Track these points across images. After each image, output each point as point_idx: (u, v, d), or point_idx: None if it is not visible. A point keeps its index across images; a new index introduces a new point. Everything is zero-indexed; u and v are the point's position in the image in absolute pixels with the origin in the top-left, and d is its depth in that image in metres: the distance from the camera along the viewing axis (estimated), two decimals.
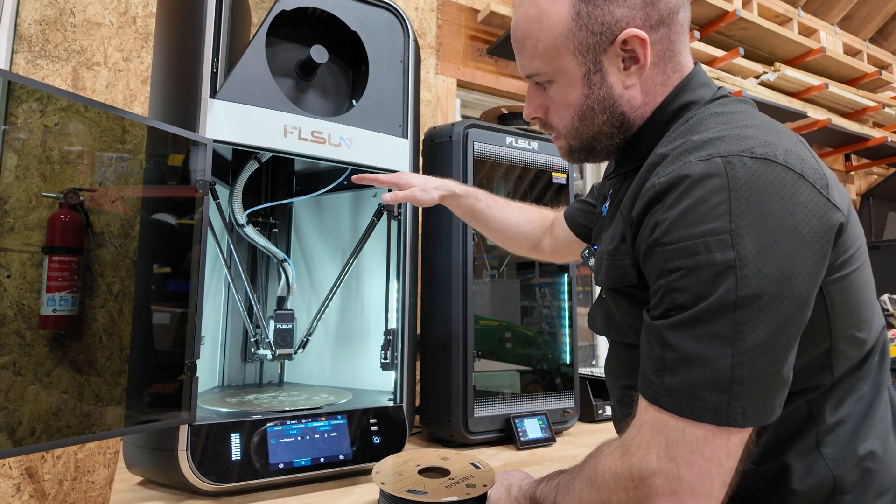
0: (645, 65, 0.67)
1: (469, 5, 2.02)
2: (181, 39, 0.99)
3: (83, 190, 0.82)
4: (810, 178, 0.55)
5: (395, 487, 0.80)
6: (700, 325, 0.53)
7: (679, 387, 0.54)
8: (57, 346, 0.79)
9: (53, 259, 0.79)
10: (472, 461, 0.92)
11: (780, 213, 0.53)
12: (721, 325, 0.52)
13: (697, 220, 0.54)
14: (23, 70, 1.31)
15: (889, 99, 2.93)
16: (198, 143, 0.93)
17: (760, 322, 0.52)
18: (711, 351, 0.53)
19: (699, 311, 0.53)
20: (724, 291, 0.52)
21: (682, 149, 0.61)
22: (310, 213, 1.43)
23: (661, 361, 0.56)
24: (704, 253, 0.53)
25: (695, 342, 0.54)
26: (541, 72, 0.70)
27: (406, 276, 1.15)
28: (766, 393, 0.53)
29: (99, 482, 1.29)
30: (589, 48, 0.67)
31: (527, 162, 1.46)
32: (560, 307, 1.50)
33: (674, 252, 0.56)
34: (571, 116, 0.71)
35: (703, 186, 0.55)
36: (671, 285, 0.56)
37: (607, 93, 0.69)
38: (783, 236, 0.53)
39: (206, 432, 0.90)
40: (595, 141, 0.72)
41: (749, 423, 0.53)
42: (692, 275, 0.54)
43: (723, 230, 0.53)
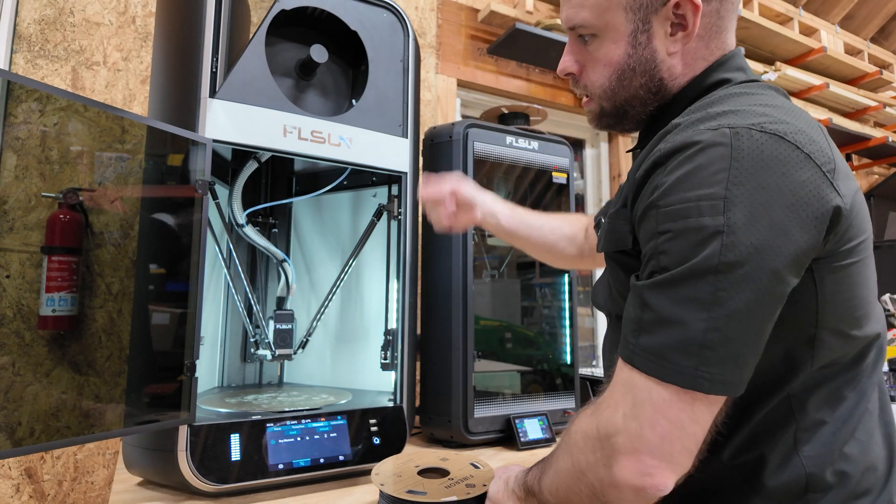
0: (692, 33, 0.66)
1: (469, 5, 2.02)
2: (181, 39, 0.99)
3: (82, 190, 0.82)
4: (817, 159, 0.55)
5: (395, 488, 0.80)
6: (679, 286, 0.53)
7: (652, 347, 0.54)
8: (56, 347, 0.79)
9: (53, 259, 0.79)
10: (471, 461, 0.92)
11: (777, 188, 0.53)
12: (700, 289, 0.52)
13: (694, 185, 0.54)
14: (22, 70, 1.31)
15: (890, 98, 2.93)
16: (197, 142, 0.92)
17: (740, 290, 0.52)
18: (687, 314, 0.53)
19: (679, 273, 0.53)
20: (708, 255, 0.52)
21: (695, 118, 0.60)
22: (309, 213, 1.43)
23: (639, 322, 0.56)
24: (695, 217, 0.53)
25: (672, 304, 0.54)
26: (587, 23, 0.67)
27: (406, 276, 1.15)
28: (735, 362, 0.53)
29: (98, 483, 1.29)
30: (641, 5, 0.65)
31: (527, 162, 1.45)
32: (560, 307, 1.50)
33: (666, 214, 0.56)
34: (609, 75, 0.69)
35: (706, 154, 0.55)
36: (658, 247, 0.56)
37: (651, 55, 0.67)
38: (777, 209, 0.52)
39: (206, 433, 0.90)
40: (628, 105, 0.71)
41: (714, 390, 0.53)
42: (680, 237, 0.54)
43: (717, 196, 0.53)
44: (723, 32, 0.69)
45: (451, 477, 0.85)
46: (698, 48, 0.68)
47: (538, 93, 2.14)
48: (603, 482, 0.56)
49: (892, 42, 3.23)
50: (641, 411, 0.54)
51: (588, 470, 0.58)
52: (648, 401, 0.54)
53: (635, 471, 0.53)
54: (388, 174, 1.18)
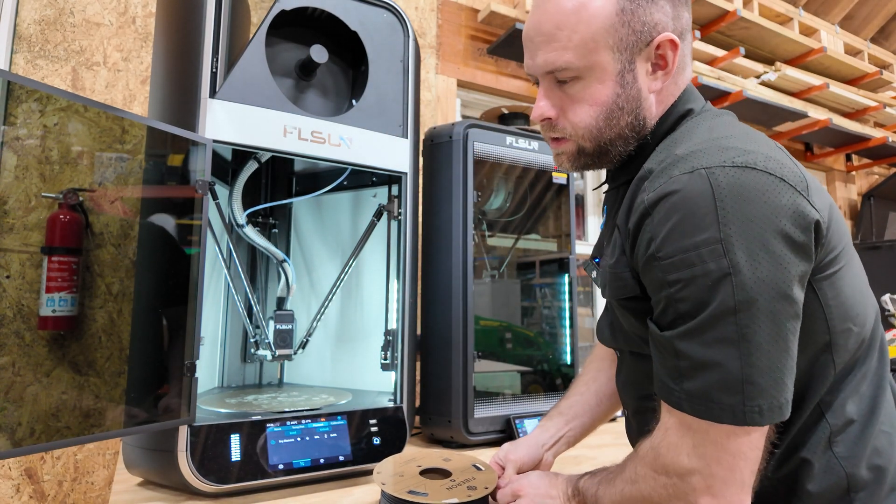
0: (671, 71, 0.69)
1: (469, 5, 2.02)
2: (181, 39, 0.99)
3: (82, 190, 0.82)
4: (790, 181, 0.58)
5: (396, 488, 0.80)
6: (706, 331, 0.57)
7: (696, 391, 0.57)
8: (56, 347, 0.79)
9: (53, 259, 0.79)
10: (473, 462, 0.91)
11: (765, 217, 0.56)
12: (725, 330, 0.56)
13: (688, 233, 0.57)
14: (22, 70, 1.31)
15: (890, 99, 2.93)
16: (197, 143, 0.92)
17: (761, 323, 0.55)
18: (720, 355, 0.56)
19: (703, 320, 0.57)
20: (723, 298, 0.55)
21: (666, 163, 0.63)
22: (309, 213, 1.43)
23: (678, 369, 0.59)
24: (699, 264, 0.57)
25: (704, 348, 0.57)
26: (571, 65, 0.67)
27: (406, 276, 1.15)
28: (776, 388, 0.56)
29: (98, 483, 1.29)
30: (627, 46, 0.67)
31: (527, 162, 1.45)
32: (560, 307, 1.50)
33: (671, 265, 0.59)
34: (597, 115, 0.69)
35: (689, 199, 0.58)
36: (673, 296, 0.59)
37: (637, 94, 0.69)
38: (770, 239, 0.56)
39: (206, 433, 0.90)
40: (611, 144, 0.71)
41: (765, 421, 0.56)
42: (691, 285, 0.57)
43: (714, 240, 0.56)
44: (687, 67, 0.73)
45: (452, 478, 0.85)
46: (670, 85, 0.71)
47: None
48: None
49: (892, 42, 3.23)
50: (704, 451, 0.58)
51: (662, 501, 0.62)
52: (708, 440, 0.58)
53: (715, 502, 0.58)
54: (388, 174, 1.18)
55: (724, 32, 2.43)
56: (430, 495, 0.78)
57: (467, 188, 1.31)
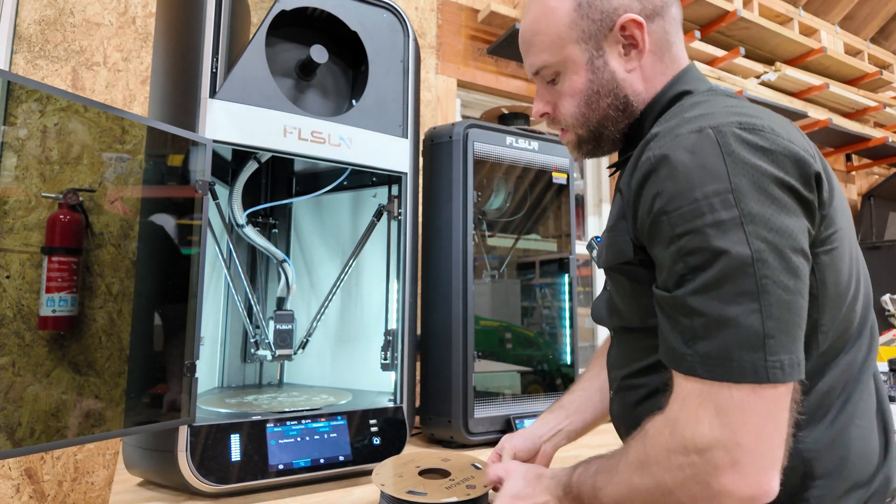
0: (643, 49, 0.71)
1: (469, 5, 2.02)
2: (181, 39, 0.99)
3: (82, 190, 0.82)
4: (798, 144, 0.58)
5: (395, 489, 0.80)
6: (723, 284, 0.54)
7: (714, 351, 0.54)
8: (56, 347, 0.79)
9: (53, 259, 0.79)
10: (473, 462, 0.91)
11: (771, 170, 0.56)
12: (744, 283, 0.53)
13: (697, 184, 0.56)
14: (22, 70, 1.31)
15: (890, 99, 2.93)
16: (197, 143, 0.92)
17: (779, 274, 0.53)
18: (739, 309, 0.53)
19: (718, 272, 0.54)
20: (739, 248, 0.53)
21: (672, 124, 0.63)
22: (309, 213, 1.43)
23: (691, 330, 0.56)
24: (710, 213, 0.55)
25: (722, 304, 0.54)
26: (548, 64, 0.74)
27: (406, 276, 1.15)
28: (795, 344, 0.54)
29: (98, 483, 1.29)
30: (591, 35, 0.71)
31: (527, 162, 1.45)
32: (560, 308, 1.50)
33: (680, 217, 0.57)
34: (578, 103, 0.74)
35: (697, 154, 0.57)
36: (683, 249, 0.56)
37: (611, 76, 0.72)
38: (778, 189, 0.55)
39: (206, 433, 0.90)
40: (602, 127, 0.75)
41: (788, 377, 0.53)
42: (701, 235, 0.55)
43: (724, 190, 0.55)
44: (672, 47, 0.74)
45: (451, 478, 0.85)
46: (653, 64, 0.73)
47: None
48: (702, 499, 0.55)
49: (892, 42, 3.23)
50: (728, 417, 0.53)
51: (678, 488, 0.56)
52: (731, 404, 0.53)
53: (742, 483, 0.52)
54: (388, 174, 1.18)
55: (724, 32, 2.43)
56: (428, 494, 0.78)
57: (467, 188, 1.31)
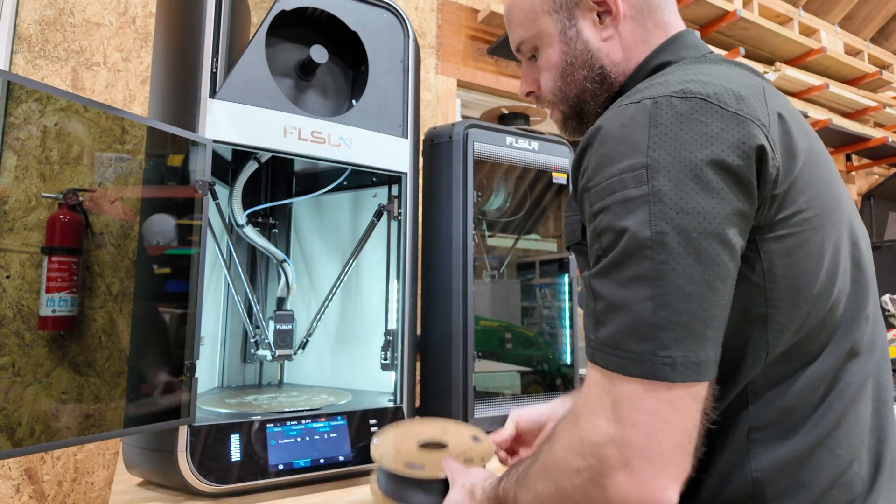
0: (618, 15, 0.67)
1: (469, 5, 2.02)
2: (181, 39, 0.99)
3: (82, 190, 0.82)
4: (745, 113, 0.52)
5: (394, 463, 0.79)
6: (620, 267, 0.50)
7: (608, 339, 0.50)
8: (56, 347, 0.79)
9: (53, 259, 0.79)
10: (472, 434, 0.90)
11: (698, 144, 0.50)
12: (640, 266, 0.48)
13: (616, 159, 0.52)
14: (22, 70, 1.31)
15: (890, 99, 2.93)
16: (197, 143, 0.92)
17: (681, 260, 0.48)
18: (631, 294, 0.49)
19: (618, 253, 0.50)
20: (639, 227, 0.49)
21: (625, 100, 0.58)
22: (309, 213, 1.43)
23: (595, 314, 0.52)
24: (620, 190, 0.51)
25: (617, 287, 0.50)
26: (524, 39, 0.73)
27: (406, 276, 1.15)
28: (694, 341, 0.48)
29: (98, 483, 1.29)
30: (561, 5, 0.69)
31: (527, 162, 1.45)
32: (560, 308, 1.50)
33: (596, 194, 0.54)
34: (554, 77, 0.72)
35: (626, 126, 0.53)
36: (597, 229, 0.53)
37: (584, 46, 0.69)
38: (702, 167, 0.49)
39: (206, 433, 0.90)
40: (580, 102, 0.72)
41: (680, 377, 0.47)
42: (610, 213, 0.51)
43: (639, 165, 0.50)
44: (657, 11, 0.69)
45: (449, 452, 0.84)
46: (634, 30, 0.68)
47: None
48: (600, 497, 0.49)
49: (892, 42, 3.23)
50: (621, 411, 0.48)
51: (576, 491, 0.51)
52: (622, 398, 0.48)
53: (632, 486, 0.47)
54: (388, 174, 1.18)
55: (724, 32, 2.43)
56: (426, 468, 0.77)
57: (467, 188, 1.31)
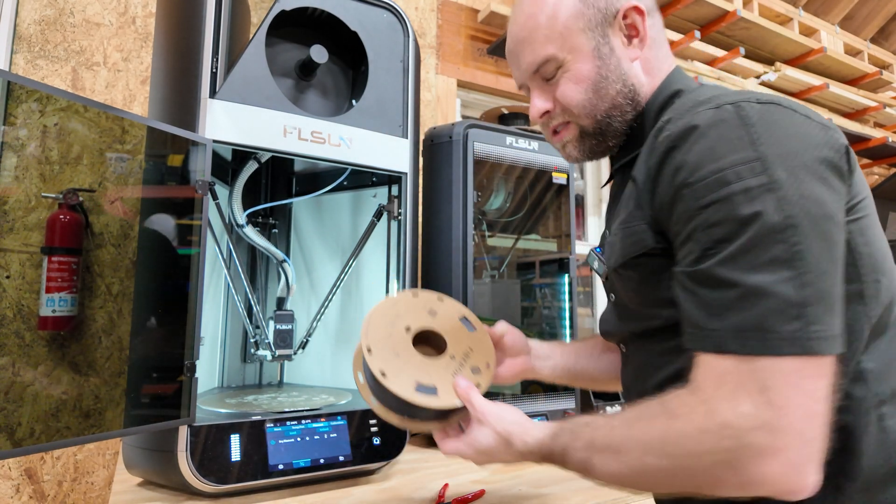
0: (644, 38, 0.73)
1: (469, 5, 2.02)
2: (181, 39, 0.99)
3: (82, 190, 0.82)
4: (815, 118, 0.58)
5: (400, 382, 0.71)
6: (753, 253, 0.51)
7: (747, 324, 0.50)
8: (56, 347, 0.79)
9: (53, 259, 0.79)
10: (461, 315, 0.85)
11: (797, 141, 0.54)
12: (775, 249, 0.51)
13: (722, 154, 0.54)
14: (22, 70, 1.31)
15: (890, 99, 2.93)
16: (197, 143, 0.92)
17: (812, 241, 0.51)
18: (773, 277, 0.50)
19: (748, 240, 0.51)
20: (768, 214, 0.51)
21: (687, 107, 0.62)
22: (309, 213, 1.43)
23: (719, 303, 0.52)
24: (736, 181, 0.53)
25: (753, 272, 0.51)
26: (553, 56, 0.72)
27: (406, 276, 1.15)
28: (832, 315, 0.51)
29: (98, 483, 1.29)
30: (597, 23, 0.72)
31: (527, 162, 1.45)
32: (560, 308, 1.50)
33: (704, 187, 0.55)
34: (586, 89, 0.72)
35: (719, 127, 0.56)
36: (707, 221, 0.54)
37: (617, 63, 0.72)
38: (806, 158, 0.54)
39: (206, 433, 0.90)
40: (609, 117, 0.73)
41: (832, 349, 0.50)
42: (728, 204, 0.53)
43: (751, 158, 0.53)
44: (663, 44, 0.76)
45: (451, 354, 0.79)
46: (652, 57, 0.74)
47: None
48: (729, 486, 0.51)
49: (892, 42, 3.23)
50: (773, 395, 0.49)
51: (703, 473, 0.52)
52: (775, 381, 0.49)
53: (781, 472, 0.48)
54: (388, 174, 1.18)
55: (724, 32, 2.43)
56: (439, 393, 0.72)
57: (467, 188, 1.31)
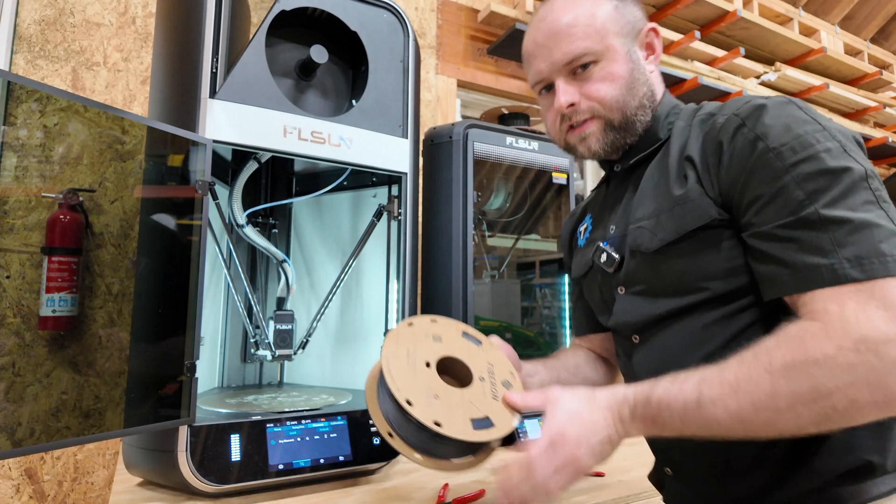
0: (658, 55, 0.83)
1: (469, 5, 2.02)
2: (181, 39, 0.99)
3: (82, 190, 0.82)
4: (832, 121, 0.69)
5: (457, 427, 0.66)
6: (851, 196, 0.60)
7: (864, 252, 0.58)
8: (56, 347, 0.79)
9: (53, 259, 0.79)
10: (461, 333, 0.82)
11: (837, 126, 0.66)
12: (865, 194, 0.60)
13: (797, 125, 0.65)
14: (22, 70, 1.31)
15: (890, 99, 2.93)
16: (197, 143, 0.92)
17: (883, 191, 0.62)
18: (872, 214, 0.59)
19: (845, 186, 0.61)
20: (853, 167, 0.61)
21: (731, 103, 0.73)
22: (309, 213, 1.43)
23: (831, 240, 0.60)
24: (817, 143, 0.63)
25: (854, 212, 0.60)
26: (590, 51, 0.78)
27: (406, 276, 1.15)
28: None
29: (98, 483, 1.29)
30: (627, 33, 0.81)
31: (527, 162, 1.46)
32: (560, 307, 1.50)
33: (789, 149, 0.64)
34: (620, 87, 0.79)
35: (784, 106, 0.68)
36: (799, 176, 0.63)
37: (643, 69, 0.81)
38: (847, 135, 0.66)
39: (206, 433, 0.90)
40: (635, 115, 0.80)
41: None
42: (818, 159, 0.62)
43: (818, 129, 0.65)
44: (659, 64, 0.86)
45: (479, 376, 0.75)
46: (656, 72, 0.84)
47: None
48: (866, 404, 0.54)
49: (892, 42, 3.23)
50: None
51: (841, 390, 0.54)
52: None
53: None
54: (388, 174, 1.18)
55: (724, 32, 2.43)
56: (492, 420, 0.68)
57: (467, 188, 1.31)
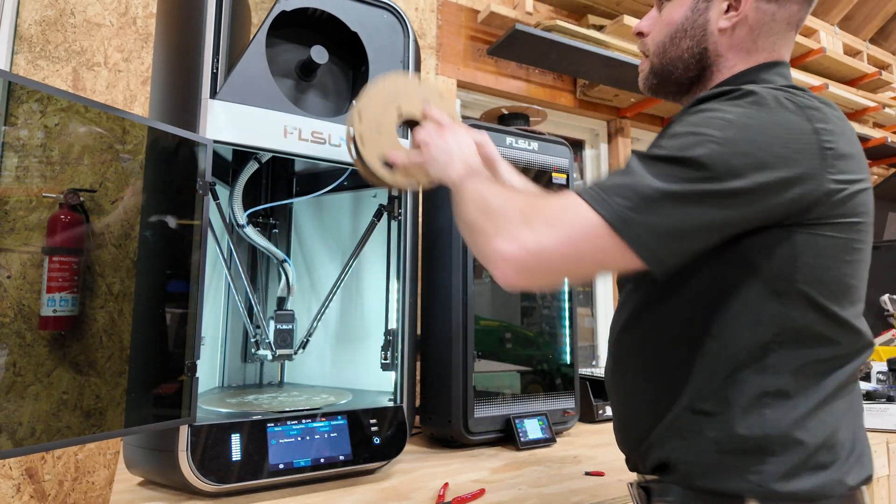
0: (742, 14, 0.73)
1: (469, 6, 2.02)
2: (181, 40, 0.99)
3: (83, 190, 0.82)
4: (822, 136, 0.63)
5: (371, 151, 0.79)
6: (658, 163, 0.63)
7: (606, 186, 0.65)
8: (57, 347, 0.79)
9: (53, 259, 0.79)
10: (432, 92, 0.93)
11: (774, 127, 0.62)
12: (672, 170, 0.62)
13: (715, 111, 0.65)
14: (23, 71, 1.31)
15: (889, 99, 2.93)
16: (198, 143, 0.93)
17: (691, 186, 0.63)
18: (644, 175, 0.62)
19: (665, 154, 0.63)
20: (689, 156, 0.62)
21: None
22: (310, 213, 1.43)
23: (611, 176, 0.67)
24: (702, 127, 0.65)
25: (638, 168, 0.63)
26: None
27: (406, 276, 1.15)
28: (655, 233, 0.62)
29: (99, 483, 1.29)
30: None
31: (527, 162, 1.46)
32: (560, 307, 1.50)
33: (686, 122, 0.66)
34: (665, 33, 0.78)
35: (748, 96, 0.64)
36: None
37: (703, 23, 0.75)
38: (770, 141, 0.62)
39: (206, 433, 0.90)
40: (673, 66, 0.78)
41: (626, 232, 0.60)
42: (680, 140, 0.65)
43: (725, 119, 0.63)
44: (773, 36, 0.74)
45: None
46: (745, 40, 0.74)
47: (538, 94, 2.14)
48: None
49: (892, 43, 3.23)
50: (564, 218, 0.64)
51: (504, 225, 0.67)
52: (578, 219, 0.63)
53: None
54: None
55: None
56: None
57: None
